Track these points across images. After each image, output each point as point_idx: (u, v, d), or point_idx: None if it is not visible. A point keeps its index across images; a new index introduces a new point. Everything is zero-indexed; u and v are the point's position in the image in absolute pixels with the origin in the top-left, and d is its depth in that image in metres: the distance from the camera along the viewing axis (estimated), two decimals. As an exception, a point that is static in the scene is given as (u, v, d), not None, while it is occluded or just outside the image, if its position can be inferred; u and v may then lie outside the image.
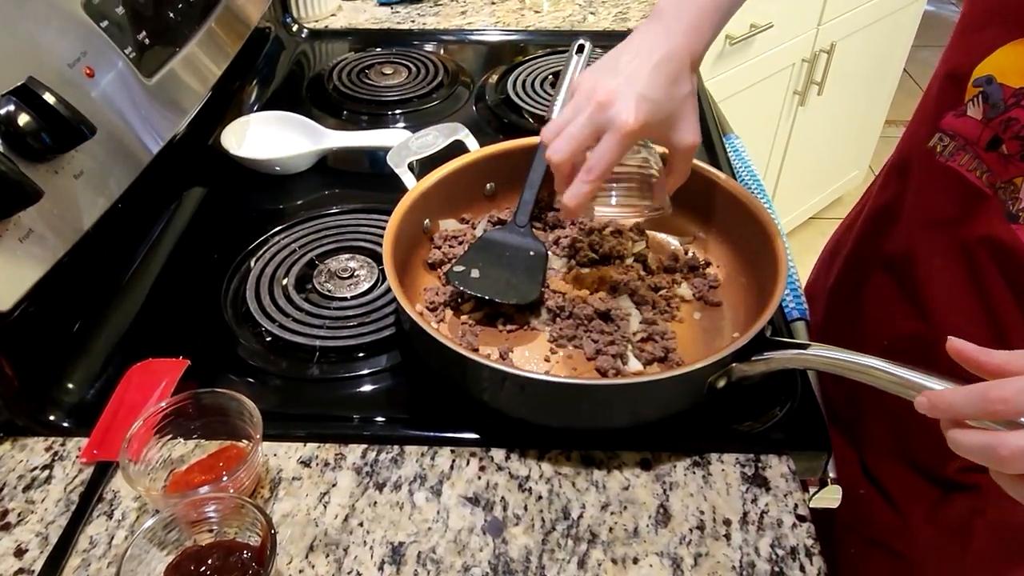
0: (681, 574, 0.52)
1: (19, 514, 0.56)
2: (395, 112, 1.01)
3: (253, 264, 0.76)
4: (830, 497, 0.62)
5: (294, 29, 1.19)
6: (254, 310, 0.70)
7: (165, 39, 0.80)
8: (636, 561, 0.53)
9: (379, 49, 1.15)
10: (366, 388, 0.65)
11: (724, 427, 0.61)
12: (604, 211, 0.65)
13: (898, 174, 0.66)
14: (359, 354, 0.67)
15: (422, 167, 0.80)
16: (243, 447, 0.58)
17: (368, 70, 1.09)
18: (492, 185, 0.79)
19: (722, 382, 0.58)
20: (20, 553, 0.53)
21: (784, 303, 0.72)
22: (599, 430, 0.61)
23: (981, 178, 0.55)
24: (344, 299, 0.72)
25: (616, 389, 0.57)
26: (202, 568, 0.49)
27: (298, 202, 0.86)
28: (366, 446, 0.60)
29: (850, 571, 0.75)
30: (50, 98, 0.56)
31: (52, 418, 0.62)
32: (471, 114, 1.01)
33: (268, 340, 0.68)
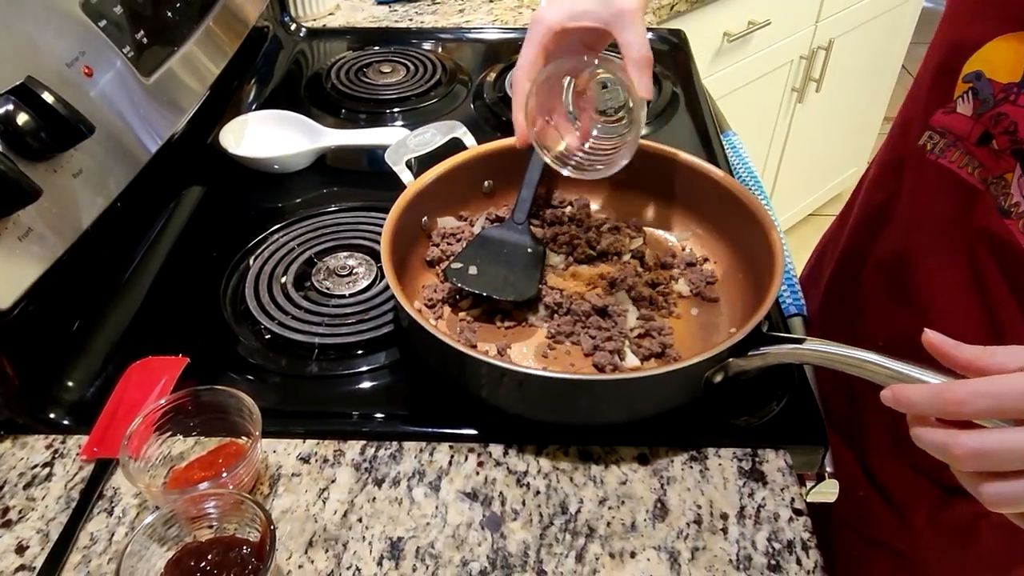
0: (678, 568, 0.52)
1: (20, 511, 0.56)
2: (393, 110, 1.01)
3: (252, 262, 0.76)
4: (827, 491, 0.62)
5: (292, 28, 1.19)
6: (253, 308, 0.70)
7: (163, 38, 0.80)
8: (634, 555, 0.53)
9: (377, 48, 1.15)
10: (365, 385, 0.65)
11: (721, 422, 0.61)
12: (585, 157, 0.66)
13: (891, 173, 0.66)
14: (358, 351, 0.67)
15: (420, 165, 0.80)
16: (242, 444, 0.58)
17: (366, 68, 1.09)
18: (490, 183, 0.79)
19: (719, 377, 0.59)
20: (21, 550, 0.54)
21: (781, 298, 0.73)
22: (597, 425, 0.61)
23: (973, 174, 0.55)
24: (343, 297, 0.72)
25: (613, 384, 0.58)
26: (202, 564, 0.49)
27: (296, 200, 0.86)
28: (365, 442, 0.61)
29: (851, 571, 0.75)
30: (49, 97, 0.57)
31: (52, 416, 0.62)
32: (469, 112, 1.01)
33: (267, 338, 0.68)
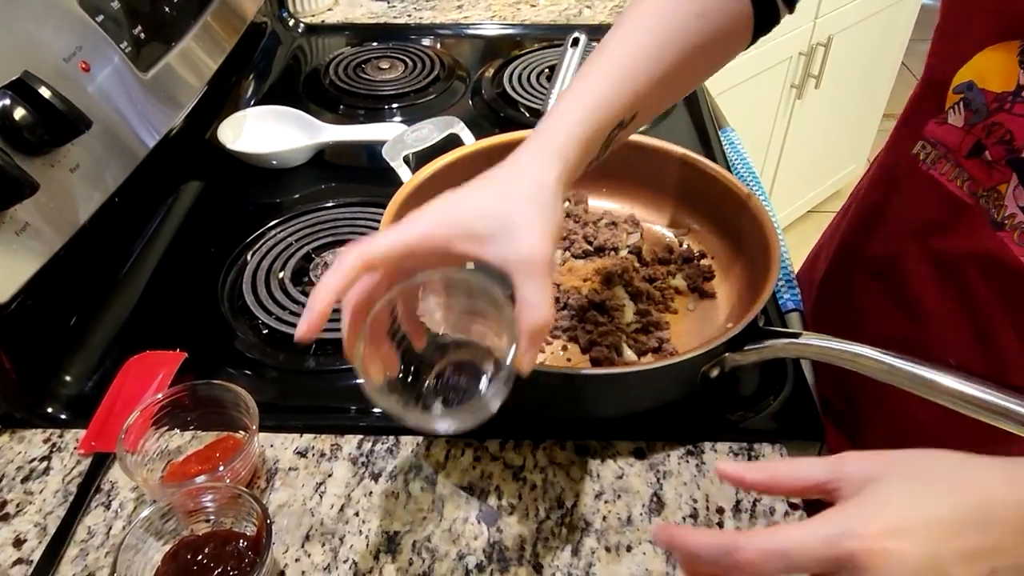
0: (674, 562, 0.52)
1: (18, 505, 0.56)
2: (392, 106, 1.01)
3: (250, 257, 0.76)
4: (823, 486, 0.62)
5: (290, 24, 1.19)
6: (251, 303, 0.70)
7: (161, 34, 0.80)
8: (629, 549, 0.53)
9: (375, 44, 1.15)
10: (362, 380, 0.65)
11: (718, 416, 0.61)
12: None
13: (886, 177, 0.66)
14: (355, 346, 0.67)
15: (418, 161, 0.80)
16: (239, 438, 0.58)
17: (364, 64, 1.09)
18: (487, 178, 0.79)
19: (715, 371, 0.59)
20: (19, 543, 0.54)
21: (779, 294, 0.73)
22: (593, 420, 0.61)
23: (962, 187, 0.54)
24: (340, 292, 0.72)
25: (611, 378, 0.58)
26: (199, 557, 0.49)
27: (295, 196, 0.86)
28: (362, 437, 0.61)
29: None
30: (46, 92, 0.57)
31: (50, 410, 0.62)
32: (467, 108, 1.01)
33: (265, 333, 0.68)
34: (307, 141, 0.90)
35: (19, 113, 0.56)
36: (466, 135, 0.83)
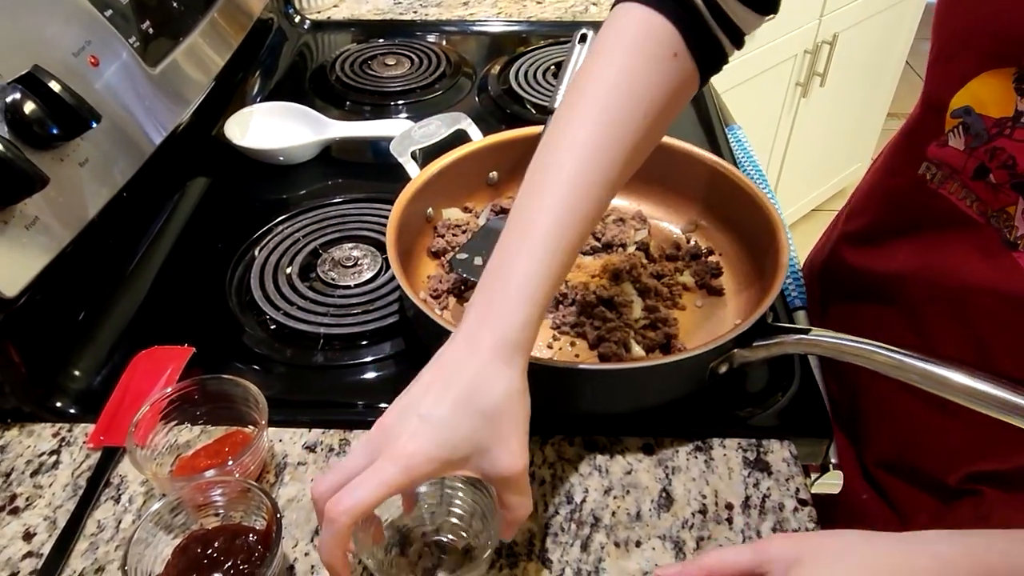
0: (683, 557, 0.52)
1: (27, 498, 0.56)
2: (398, 103, 1.01)
3: (257, 253, 0.76)
4: (831, 482, 0.62)
5: (296, 20, 1.19)
6: (259, 298, 0.70)
7: (169, 29, 0.80)
8: (639, 544, 0.53)
9: (382, 40, 1.15)
10: (370, 375, 0.65)
11: (726, 412, 0.61)
12: None
13: (890, 195, 0.65)
14: (363, 342, 0.67)
15: (424, 157, 0.80)
16: (248, 432, 0.58)
17: (371, 61, 1.09)
18: (495, 174, 0.79)
19: (724, 367, 0.59)
20: (28, 536, 0.54)
21: (787, 291, 0.73)
22: (602, 415, 0.61)
23: (971, 207, 0.54)
24: (348, 287, 0.72)
25: (620, 374, 0.58)
26: (208, 551, 0.49)
27: (301, 192, 0.86)
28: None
29: None
30: (55, 86, 0.57)
31: (59, 404, 0.62)
32: (474, 105, 1.01)
33: (273, 328, 0.68)
34: (314, 137, 0.90)
35: (29, 107, 0.56)
36: (473, 131, 0.83)
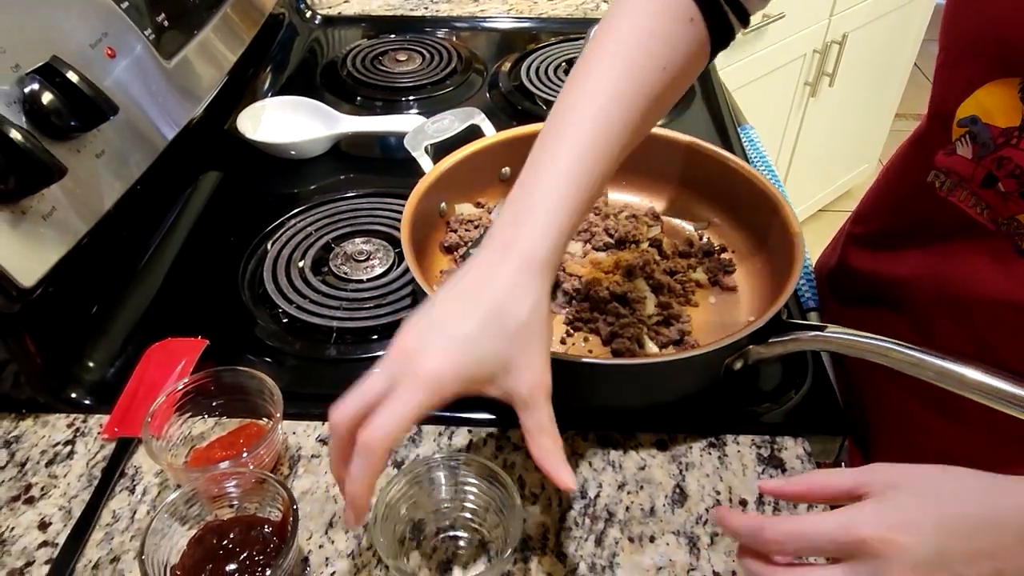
0: (697, 552, 0.52)
1: (42, 488, 0.56)
2: (409, 98, 1.01)
3: (270, 247, 0.76)
4: (845, 480, 0.62)
5: (307, 15, 1.19)
6: (271, 291, 0.71)
7: (183, 22, 0.80)
8: (653, 539, 0.53)
9: (393, 36, 1.15)
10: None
11: (740, 409, 0.61)
12: None
13: (900, 202, 0.65)
14: (374, 336, 0.67)
15: (437, 152, 0.80)
16: (263, 425, 0.58)
17: (382, 56, 1.09)
18: (508, 170, 0.79)
19: (739, 364, 0.59)
20: (44, 526, 0.54)
21: (800, 291, 0.73)
22: (616, 411, 0.61)
23: (982, 214, 0.54)
24: (360, 281, 0.72)
25: (634, 369, 0.58)
26: (224, 542, 0.49)
27: (312, 186, 0.87)
28: (384, 425, 0.61)
29: None
30: (74, 76, 0.57)
31: (74, 395, 0.62)
32: (485, 101, 1.01)
33: (285, 321, 0.68)
34: (325, 132, 0.90)
35: (47, 98, 0.56)
36: (487, 126, 0.83)
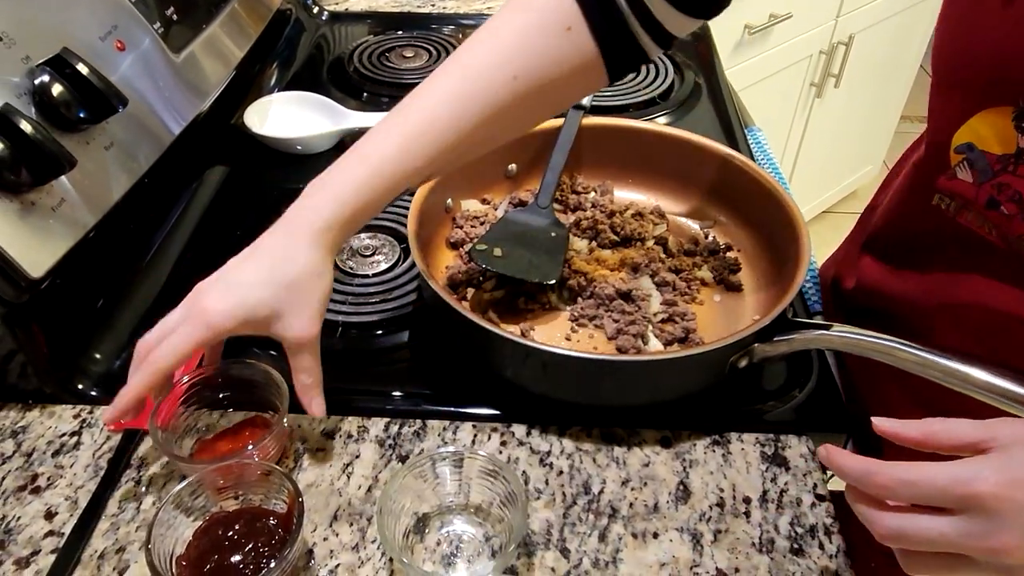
0: (701, 549, 0.52)
1: (48, 478, 0.57)
2: (415, 95, 1.01)
3: (276, 241, 0.76)
4: (848, 479, 0.62)
5: (314, 11, 1.19)
6: (277, 285, 0.71)
7: (191, 17, 0.80)
8: (656, 536, 0.53)
9: (399, 32, 1.15)
10: (388, 363, 0.65)
11: (744, 407, 0.61)
12: None
13: (908, 223, 0.64)
14: (379, 330, 0.68)
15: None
16: (268, 418, 0.58)
17: (388, 53, 1.09)
18: (514, 167, 0.79)
19: (744, 362, 0.59)
20: (50, 516, 0.54)
21: (805, 292, 0.73)
22: (620, 408, 0.61)
23: (991, 233, 0.54)
24: (366, 276, 0.73)
25: (640, 366, 0.58)
26: (230, 533, 0.50)
27: (319, 181, 0.86)
28: (388, 419, 0.61)
29: (875, 558, 0.75)
30: (83, 68, 0.57)
31: (80, 387, 0.63)
32: (491, 98, 1.01)
33: (291, 315, 0.69)
34: (332, 127, 0.90)
35: (57, 89, 0.56)
36: (492, 124, 0.83)
